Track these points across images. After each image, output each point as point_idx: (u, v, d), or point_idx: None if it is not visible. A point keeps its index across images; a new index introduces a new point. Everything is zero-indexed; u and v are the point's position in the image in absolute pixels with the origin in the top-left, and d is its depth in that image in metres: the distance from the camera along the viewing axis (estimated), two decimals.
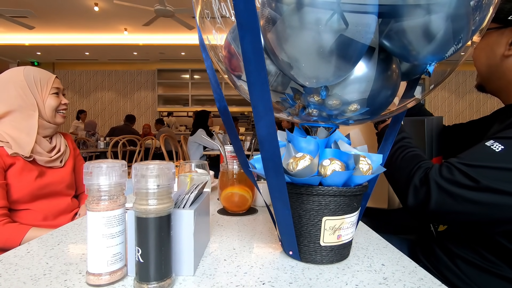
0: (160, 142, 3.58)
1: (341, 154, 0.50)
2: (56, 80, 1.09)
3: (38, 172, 0.99)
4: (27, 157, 0.97)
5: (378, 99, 0.50)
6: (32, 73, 1.03)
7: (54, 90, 1.06)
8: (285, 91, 0.55)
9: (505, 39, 0.69)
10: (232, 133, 0.53)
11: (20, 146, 0.96)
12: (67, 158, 1.12)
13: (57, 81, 1.09)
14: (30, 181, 0.97)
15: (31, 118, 1.00)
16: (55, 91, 1.06)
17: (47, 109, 1.04)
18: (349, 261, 0.52)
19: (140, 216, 0.40)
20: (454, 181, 0.59)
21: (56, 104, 1.06)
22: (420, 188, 0.64)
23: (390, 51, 0.46)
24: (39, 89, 1.03)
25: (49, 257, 0.52)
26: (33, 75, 1.02)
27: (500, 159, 0.58)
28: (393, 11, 0.41)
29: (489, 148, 0.60)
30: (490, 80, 0.75)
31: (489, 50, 0.71)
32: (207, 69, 0.52)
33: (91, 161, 0.43)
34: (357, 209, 0.52)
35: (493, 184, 0.56)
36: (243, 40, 0.36)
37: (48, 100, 1.04)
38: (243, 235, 0.64)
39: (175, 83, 8.48)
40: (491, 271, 0.63)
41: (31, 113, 1.01)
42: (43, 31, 6.22)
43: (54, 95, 1.06)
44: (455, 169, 0.60)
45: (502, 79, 0.72)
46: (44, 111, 1.03)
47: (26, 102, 1.00)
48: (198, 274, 0.47)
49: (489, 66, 0.73)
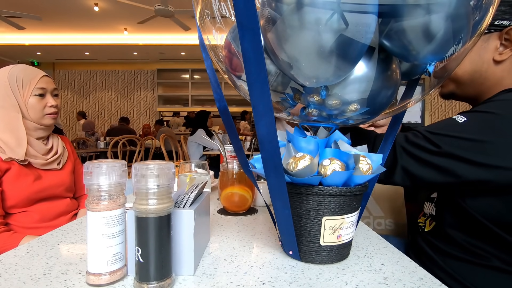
0: (160, 142, 3.58)
1: (341, 154, 0.50)
2: (43, 79, 1.02)
3: (35, 176, 0.97)
4: (22, 161, 0.94)
5: (378, 99, 0.50)
6: (16, 73, 0.98)
7: (38, 90, 1.00)
8: (285, 91, 0.55)
9: (493, 44, 0.69)
10: (232, 133, 0.53)
11: (13, 150, 0.93)
12: (65, 161, 1.10)
13: (44, 80, 1.02)
14: (27, 185, 0.95)
15: (16, 120, 0.97)
16: (39, 92, 1.00)
17: (30, 110, 0.99)
18: (349, 261, 0.52)
19: (140, 216, 0.40)
20: (418, 145, 0.63)
21: (39, 106, 1.00)
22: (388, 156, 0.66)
23: (390, 51, 0.46)
24: (20, 90, 0.98)
25: (49, 257, 0.52)
26: (16, 75, 0.98)
27: (462, 129, 0.62)
28: (393, 11, 0.41)
29: (454, 120, 0.64)
30: (469, 86, 0.76)
31: (475, 56, 0.71)
32: (207, 69, 0.52)
33: (91, 161, 0.43)
34: (357, 209, 0.52)
35: (452, 150, 0.60)
36: (243, 40, 0.36)
37: (30, 101, 0.99)
38: (243, 235, 0.64)
39: (175, 83, 8.49)
40: (481, 263, 0.64)
41: (14, 114, 0.97)
42: (43, 31, 6.22)
43: (38, 96, 1.00)
44: (420, 135, 0.64)
45: (484, 85, 0.73)
46: (27, 113, 0.99)
47: (8, 103, 0.96)
48: (198, 274, 0.47)
49: (473, 71, 0.73)
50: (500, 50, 0.69)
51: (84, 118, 6.66)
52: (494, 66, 0.71)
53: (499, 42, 0.69)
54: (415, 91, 0.56)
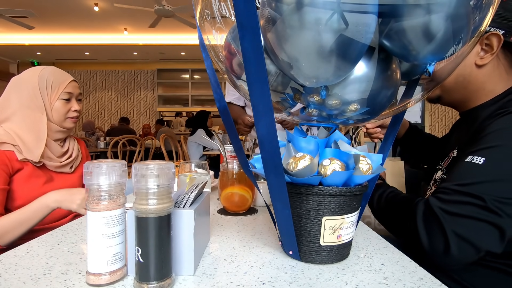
0: (160, 142, 3.58)
1: (341, 154, 0.50)
2: (71, 84, 1.06)
3: (46, 178, 0.98)
4: (36, 162, 0.95)
5: (378, 99, 0.50)
6: (47, 75, 1.01)
7: (65, 95, 1.03)
8: (285, 91, 0.55)
9: (475, 48, 0.70)
10: (232, 133, 0.53)
11: (30, 150, 0.94)
12: (77, 165, 1.10)
13: (72, 85, 1.06)
14: (37, 187, 0.95)
15: (39, 120, 0.99)
16: (66, 96, 1.03)
17: (54, 113, 1.02)
18: (349, 261, 0.52)
19: (140, 216, 0.40)
20: (460, 202, 0.58)
21: (63, 110, 1.03)
22: (428, 223, 0.60)
23: (390, 51, 0.46)
24: (48, 92, 1.01)
25: (49, 257, 0.52)
26: (47, 77, 1.00)
27: (488, 171, 0.59)
28: (393, 11, 0.41)
29: (471, 163, 0.61)
30: (454, 90, 0.77)
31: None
32: (207, 69, 0.52)
33: (91, 161, 0.43)
34: (357, 209, 0.52)
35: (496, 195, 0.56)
36: (243, 40, 0.36)
37: (56, 104, 1.02)
38: (243, 235, 0.64)
39: (175, 83, 8.49)
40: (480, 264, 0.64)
41: (39, 115, 0.99)
42: (43, 31, 6.23)
43: (64, 100, 1.03)
44: (451, 191, 0.60)
45: (467, 88, 0.74)
46: (51, 115, 1.02)
47: (35, 103, 0.99)
48: (198, 274, 0.47)
49: (457, 75, 0.74)
50: (481, 54, 0.71)
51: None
52: (476, 70, 0.72)
53: (480, 47, 0.70)
54: (415, 91, 0.56)
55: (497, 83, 0.72)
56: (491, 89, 0.72)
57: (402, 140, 1.08)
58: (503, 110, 0.65)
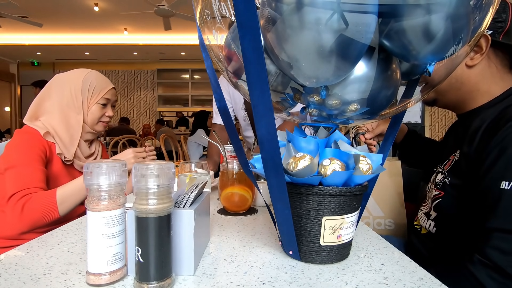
0: (160, 142, 3.58)
1: (341, 154, 0.50)
2: (111, 91, 1.12)
3: (71, 177, 1.02)
4: (67, 160, 1.00)
5: (378, 99, 0.50)
6: (91, 79, 1.06)
7: (103, 100, 1.09)
8: (285, 91, 0.55)
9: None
10: (232, 133, 0.53)
11: (66, 147, 1.00)
12: None
13: (111, 92, 1.12)
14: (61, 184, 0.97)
15: (76, 121, 1.05)
16: (104, 102, 1.09)
17: (90, 115, 1.07)
18: (349, 261, 0.52)
19: (140, 216, 0.40)
20: None
21: (99, 114, 1.09)
22: (503, 284, 0.54)
23: (390, 51, 0.46)
24: (89, 96, 1.07)
25: (49, 257, 0.52)
26: (90, 81, 1.06)
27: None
28: (393, 11, 0.41)
29: (504, 189, 0.57)
30: (448, 92, 0.77)
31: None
32: (207, 69, 0.52)
33: (91, 161, 0.43)
34: (357, 209, 0.52)
35: None
36: (243, 40, 0.36)
37: (93, 108, 1.07)
38: (243, 235, 0.64)
39: (175, 83, 8.48)
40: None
41: (76, 116, 1.05)
42: (43, 31, 6.22)
43: (101, 105, 1.09)
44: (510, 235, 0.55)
45: (461, 90, 0.74)
46: (86, 117, 1.07)
47: (74, 104, 1.04)
48: (198, 274, 0.47)
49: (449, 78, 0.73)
50: (471, 55, 0.71)
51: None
52: (468, 71, 0.72)
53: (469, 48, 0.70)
54: (415, 91, 0.56)
55: (491, 83, 0.72)
56: (486, 89, 0.72)
57: (401, 144, 1.08)
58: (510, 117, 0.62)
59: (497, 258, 0.54)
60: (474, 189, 0.64)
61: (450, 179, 0.73)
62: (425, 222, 0.78)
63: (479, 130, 0.68)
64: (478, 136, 0.67)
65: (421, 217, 0.81)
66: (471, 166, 0.67)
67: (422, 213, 0.81)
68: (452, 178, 0.72)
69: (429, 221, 0.76)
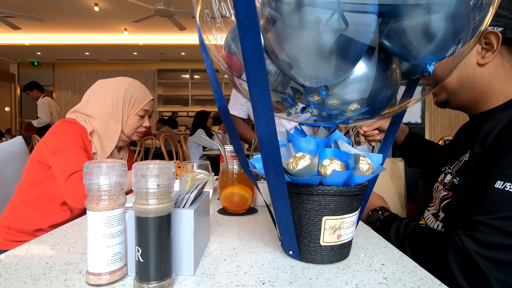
0: (160, 142, 3.58)
1: (341, 154, 0.50)
2: (150, 102, 1.14)
3: None
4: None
5: (378, 99, 0.50)
6: (133, 90, 1.09)
7: (142, 112, 1.11)
8: (285, 91, 0.55)
9: (475, 48, 0.69)
10: (232, 133, 0.53)
11: (103, 151, 1.04)
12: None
13: (150, 104, 1.14)
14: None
15: (114, 129, 1.07)
16: (142, 113, 1.12)
17: (128, 126, 1.10)
18: (349, 261, 0.52)
19: (140, 215, 0.40)
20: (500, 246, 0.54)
21: (136, 125, 1.12)
22: (467, 271, 0.56)
23: (390, 51, 0.46)
24: (130, 107, 1.09)
25: (49, 257, 0.52)
26: (132, 92, 1.09)
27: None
28: (393, 11, 0.41)
29: (504, 191, 0.56)
30: (460, 92, 0.75)
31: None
32: (207, 69, 0.52)
33: (91, 161, 0.43)
34: (357, 209, 0.52)
35: None
36: (243, 40, 0.36)
37: (131, 118, 1.10)
38: (243, 235, 0.64)
39: (175, 83, 8.47)
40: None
41: (115, 124, 1.07)
42: (43, 31, 6.22)
43: (139, 116, 1.11)
44: (489, 230, 0.55)
45: (474, 89, 0.73)
46: (124, 127, 1.09)
47: (114, 113, 1.07)
48: (198, 273, 0.47)
49: (460, 78, 0.72)
50: (482, 53, 0.70)
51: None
52: (480, 70, 0.71)
53: (480, 47, 0.69)
54: (415, 91, 0.56)
55: (506, 82, 0.70)
56: (501, 89, 0.70)
57: (402, 145, 1.07)
58: None
59: (469, 245, 0.56)
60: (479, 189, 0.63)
61: (459, 180, 0.71)
62: (433, 223, 0.77)
63: (492, 132, 0.65)
64: (491, 137, 0.65)
65: (428, 217, 0.80)
66: (481, 168, 0.65)
67: (430, 214, 0.81)
68: (460, 178, 0.71)
69: (437, 222, 0.75)
